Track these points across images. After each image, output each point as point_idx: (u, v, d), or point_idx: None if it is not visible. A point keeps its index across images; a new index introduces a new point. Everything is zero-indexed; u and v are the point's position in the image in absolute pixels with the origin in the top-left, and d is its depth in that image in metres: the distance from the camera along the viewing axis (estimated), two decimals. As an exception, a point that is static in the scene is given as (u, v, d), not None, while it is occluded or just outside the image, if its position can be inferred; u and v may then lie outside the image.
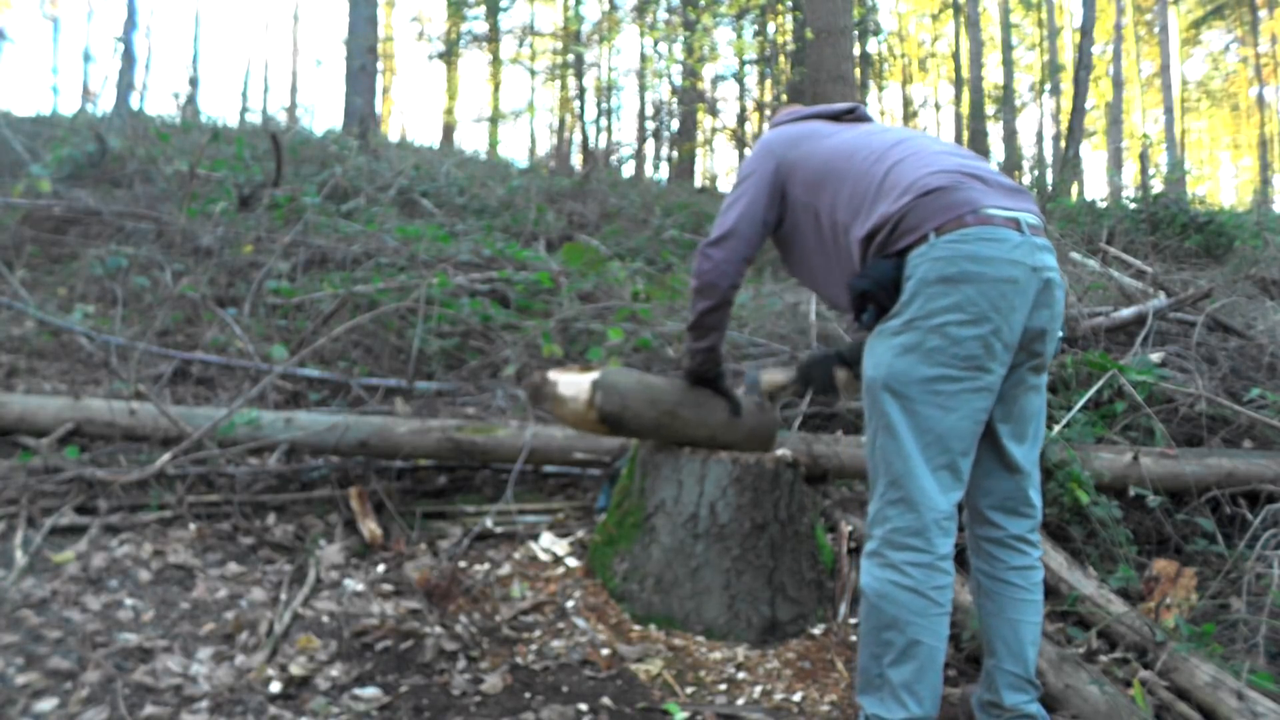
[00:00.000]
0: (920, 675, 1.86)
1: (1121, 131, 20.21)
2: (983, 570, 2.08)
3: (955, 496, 1.90)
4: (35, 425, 3.49)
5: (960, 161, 1.95)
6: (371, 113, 11.69)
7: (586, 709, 2.29)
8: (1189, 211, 8.18)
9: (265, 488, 3.44)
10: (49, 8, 25.29)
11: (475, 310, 4.95)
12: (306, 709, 2.21)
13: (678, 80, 17.67)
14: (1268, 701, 2.19)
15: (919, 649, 1.86)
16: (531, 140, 25.88)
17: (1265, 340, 4.46)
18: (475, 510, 3.41)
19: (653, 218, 8.69)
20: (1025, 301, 1.84)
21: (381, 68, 21.19)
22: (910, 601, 1.85)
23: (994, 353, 1.83)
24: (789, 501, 2.76)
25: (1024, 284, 1.83)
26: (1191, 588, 2.83)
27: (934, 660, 1.87)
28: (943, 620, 1.88)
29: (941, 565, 1.87)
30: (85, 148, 7.71)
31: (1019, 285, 1.83)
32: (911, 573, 1.86)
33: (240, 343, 4.49)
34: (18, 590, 2.56)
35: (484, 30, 20.85)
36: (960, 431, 1.86)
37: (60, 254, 6.00)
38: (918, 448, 1.86)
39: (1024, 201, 1.91)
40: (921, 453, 1.86)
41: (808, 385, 2.56)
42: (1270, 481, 3.25)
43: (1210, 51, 30.81)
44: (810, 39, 8.85)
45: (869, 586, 1.91)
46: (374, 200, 7.51)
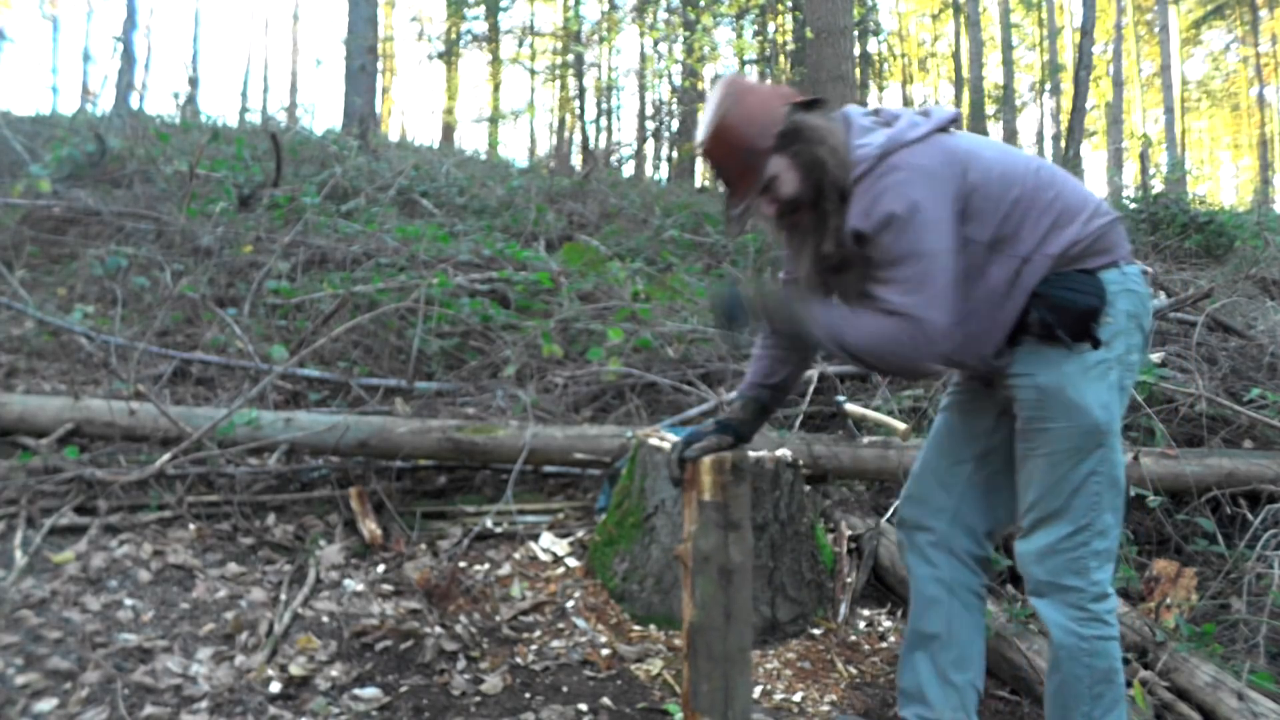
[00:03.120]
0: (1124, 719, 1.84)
1: (1121, 131, 20.21)
2: (963, 583, 2.02)
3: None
4: (35, 425, 3.48)
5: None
6: (371, 113, 11.69)
7: (586, 709, 2.29)
8: (1189, 211, 8.18)
9: (265, 488, 3.43)
10: (49, 8, 25.30)
11: (475, 310, 4.95)
12: (306, 709, 2.21)
13: (678, 80, 17.68)
14: (1268, 701, 2.19)
15: (1121, 694, 1.83)
16: (531, 140, 25.89)
17: (1265, 340, 4.47)
18: (475, 510, 3.41)
19: (653, 218, 8.68)
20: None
21: (381, 68, 21.19)
22: (1116, 651, 1.81)
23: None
24: (789, 501, 2.76)
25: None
26: (1191, 588, 2.83)
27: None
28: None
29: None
30: (85, 148, 7.70)
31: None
32: (1113, 622, 1.81)
33: (240, 343, 4.49)
34: (18, 590, 2.56)
35: (484, 30, 20.86)
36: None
37: (60, 254, 6.00)
38: (1122, 497, 1.80)
39: None
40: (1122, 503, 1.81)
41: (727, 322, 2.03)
42: (1270, 481, 3.25)
43: (1210, 51, 30.83)
44: (810, 39, 8.85)
45: (1074, 645, 1.79)
46: (374, 200, 7.50)
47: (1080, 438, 1.74)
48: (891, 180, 1.66)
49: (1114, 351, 1.75)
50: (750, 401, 1.95)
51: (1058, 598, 1.80)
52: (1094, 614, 1.78)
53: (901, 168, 1.67)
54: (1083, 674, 1.79)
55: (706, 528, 1.74)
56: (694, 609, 1.75)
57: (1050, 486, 1.78)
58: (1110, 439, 1.76)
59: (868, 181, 1.69)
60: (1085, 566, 1.77)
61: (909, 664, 2.04)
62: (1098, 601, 1.78)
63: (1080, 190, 1.81)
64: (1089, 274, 1.74)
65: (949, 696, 1.99)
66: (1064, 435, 1.75)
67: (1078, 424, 1.73)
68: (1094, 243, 1.75)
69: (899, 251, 1.65)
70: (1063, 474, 1.76)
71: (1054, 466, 1.77)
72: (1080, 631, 1.78)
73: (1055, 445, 1.76)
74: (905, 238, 1.65)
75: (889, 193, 1.65)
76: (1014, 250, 1.73)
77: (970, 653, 2.02)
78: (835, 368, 4.36)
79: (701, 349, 4.68)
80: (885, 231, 1.66)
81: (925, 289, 1.64)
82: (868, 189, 1.68)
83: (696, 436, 1.86)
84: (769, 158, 1.73)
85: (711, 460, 1.75)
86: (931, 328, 1.64)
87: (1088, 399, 1.73)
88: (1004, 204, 1.73)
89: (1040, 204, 1.75)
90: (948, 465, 2.03)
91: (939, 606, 2.01)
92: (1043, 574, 1.80)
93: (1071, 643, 1.79)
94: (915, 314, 1.63)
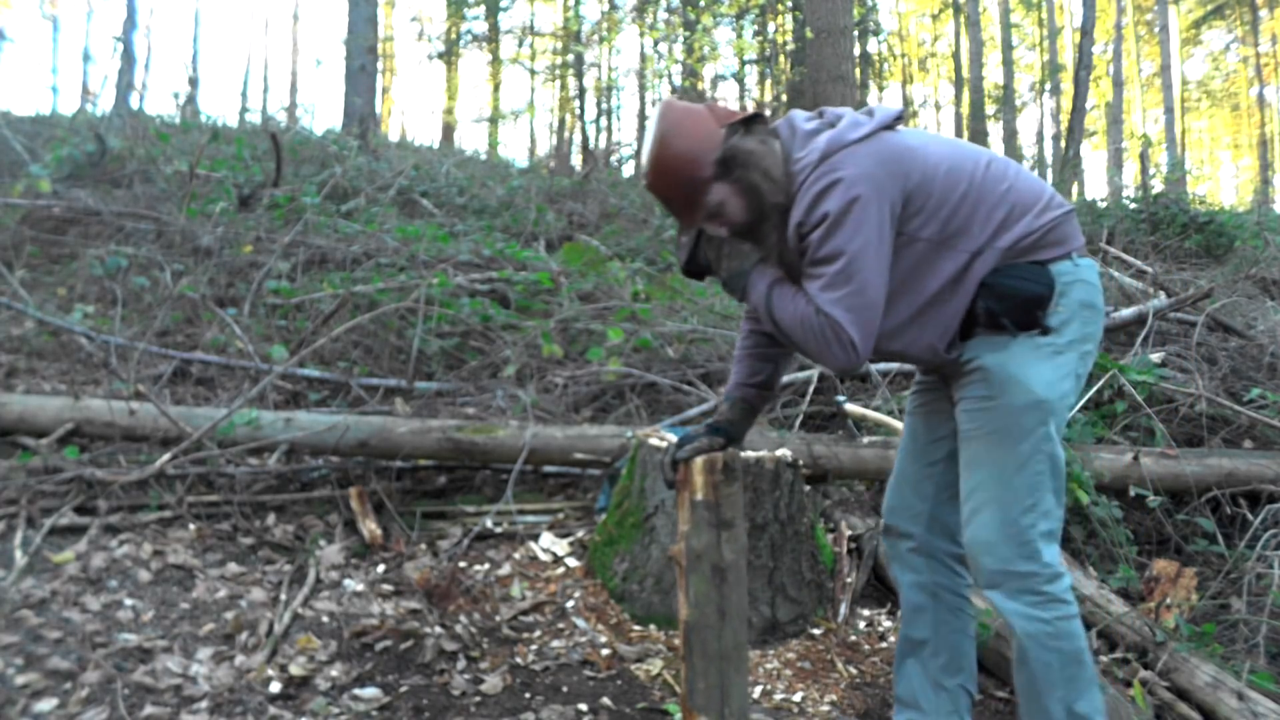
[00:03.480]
0: (1099, 700, 1.79)
1: (1121, 131, 20.20)
2: (945, 586, 2.01)
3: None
4: (35, 425, 3.48)
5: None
6: (371, 113, 11.68)
7: (586, 709, 2.29)
8: (1189, 211, 8.18)
9: (265, 488, 3.43)
10: (49, 8, 25.29)
11: (475, 310, 4.95)
12: (306, 709, 2.21)
13: (678, 80, 17.68)
14: (1268, 702, 2.19)
15: (1093, 674, 1.79)
16: (531, 140, 25.86)
17: (1265, 340, 4.47)
18: (475, 510, 3.41)
19: (653, 218, 8.68)
20: None
21: (381, 68, 21.18)
22: (1080, 629, 1.77)
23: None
24: (789, 501, 2.76)
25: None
26: (1191, 588, 2.83)
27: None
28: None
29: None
30: (85, 148, 7.70)
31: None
32: (1071, 599, 1.77)
33: (240, 343, 4.49)
34: (18, 590, 2.56)
35: (484, 30, 20.85)
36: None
37: (60, 254, 6.00)
38: (1062, 479, 1.80)
39: None
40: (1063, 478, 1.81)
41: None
42: (1270, 481, 3.25)
43: (1210, 51, 30.83)
44: (810, 39, 8.85)
45: (1038, 631, 1.75)
46: (374, 200, 7.50)
47: (1022, 413, 1.74)
48: (828, 181, 1.69)
49: (1064, 337, 1.76)
50: (737, 402, 1.97)
51: (1012, 585, 1.76)
52: (1051, 595, 1.75)
53: (839, 168, 1.69)
54: (1051, 659, 1.75)
55: (699, 527, 1.77)
56: (688, 607, 1.77)
57: (992, 466, 1.77)
58: (1052, 418, 1.75)
59: (808, 184, 1.72)
60: (1035, 550, 1.75)
61: (902, 671, 2.05)
62: (1052, 582, 1.75)
63: (1034, 183, 1.82)
64: (1039, 265, 1.76)
65: (941, 702, 1.99)
66: (1006, 411, 1.75)
67: (1020, 400, 1.74)
68: (1045, 235, 1.76)
69: (826, 250, 1.68)
70: (1004, 454, 1.76)
71: (996, 445, 1.76)
72: (1041, 615, 1.75)
73: (997, 423, 1.76)
74: (834, 238, 1.68)
75: (825, 195, 1.68)
76: (964, 245, 1.74)
77: (959, 656, 2.02)
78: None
79: (701, 349, 4.68)
80: (817, 230, 1.69)
81: (844, 287, 1.68)
82: (807, 191, 1.71)
83: (690, 438, 1.88)
84: (710, 186, 1.74)
85: (703, 460, 1.78)
86: (842, 333, 1.68)
87: (1031, 375, 1.74)
88: (951, 199, 1.74)
89: (991, 198, 1.76)
90: (919, 470, 2.02)
91: (925, 613, 2.01)
92: (993, 563, 1.77)
93: (1035, 629, 1.75)
94: (831, 313, 1.68)
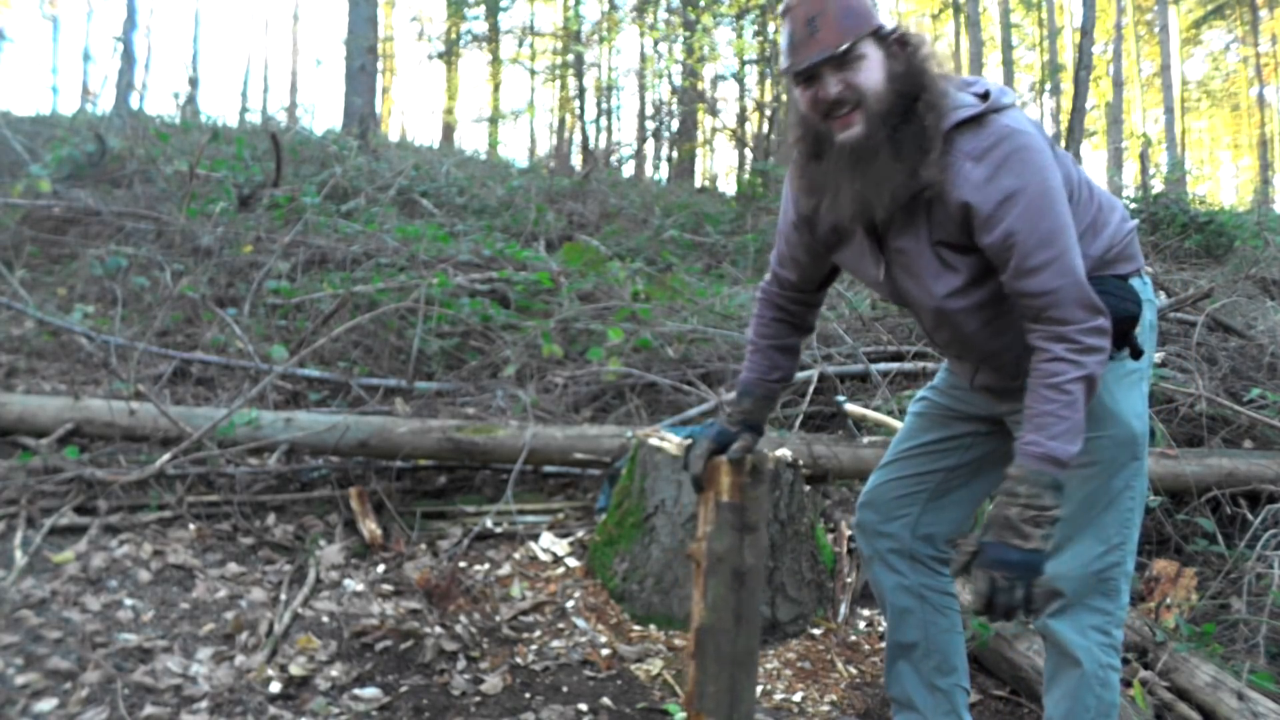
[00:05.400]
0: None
1: (1121, 131, 20.19)
2: (931, 586, 1.94)
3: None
4: (35, 425, 3.49)
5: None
6: (371, 113, 11.69)
7: (586, 709, 2.29)
8: (1189, 211, 8.18)
9: (265, 488, 3.43)
10: (49, 8, 25.28)
11: (475, 310, 4.95)
12: (306, 709, 2.21)
13: (678, 80, 17.68)
14: (1268, 701, 2.19)
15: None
16: (531, 140, 25.85)
17: (1265, 340, 4.47)
18: (475, 510, 3.41)
19: (653, 218, 8.69)
20: None
21: (381, 68, 21.18)
22: (1118, 685, 1.71)
23: None
24: (789, 501, 2.76)
25: None
26: (1191, 588, 2.83)
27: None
28: None
29: None
30: (85, 148, 7.71)
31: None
32: (1120, 655, 1.70)
33: (240, 343, 4.49)
34: (18, 590, 2.56)
35: (484, 30, 20.85)
36: None
37: (60, 254, 6.00)
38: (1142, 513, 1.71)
39: None
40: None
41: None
42: (1270, 481, 3.25)
43: (1210, 51, 30.82)
44: (810, 39, 8.81)
45: (1092, 672, 1.68)
46: (374, 200, 7.51)
47: (1117, 449, 1.65)
48: (1011, 149, 1.49)
49: (1143, 362, 1.68)
50: (761, 398, 1.88)
51: (1084, 619, 1.68)
52: (1114, 642, 1.68)
53: (1018, 134, 1.50)
54: (1091, 703, 1.68)
55: (722, 529, 1.70)
56: (705, 610, 1.71)
57: (1082, 501, 1.65)
58: (1144, 451, 1.68)
59: (972, 140, 1.50)
60: (1116, 588, 1.67)
61: (893, 674, 1.99)
62: (1119, 628, 1.68)
63: (1105, 191, 1.75)
64: (1122, 279, 1.65)
65: (938, 702, 1.95)
66: (1101, 447, 1.63)
67: (1116, 434, 1.64)
68: (1126, 247, 1.68)
69: (1042, 232, 1.48)
70: (1096, 488, 1.65)
71: (1087, 480, 1.64)
72: (1100, 659, 1.67)
73: (1091, 457, 1.61)
74: (1044, 216, 1.48)
75: (1011, 162, 1.48)
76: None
77: (951, 656, 1.97)
78: (835, 368, 4.36)
79: (701, 349, 4.68)
80: (1011, 208, 1.48)
81: (1073, 266, 1.50)
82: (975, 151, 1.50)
83: (725, 435, 1.78)
84: (868, 38, 1.51)
85: (730, 461, 1.70)
86: (1090, 325, 1.50)
87: (1124, 408, 1.64)
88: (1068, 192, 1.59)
89: (1082, 199, 1.65)
90: (914, 474, 1.92)
91: (912, 615, 1.94)
92: (1070, 597, 1.69)
93: (1091, 669, 1.67)
94: (1075, 285, 1.49)
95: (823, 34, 1.49)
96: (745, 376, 1.91)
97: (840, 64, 1.50)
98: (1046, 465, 1.49)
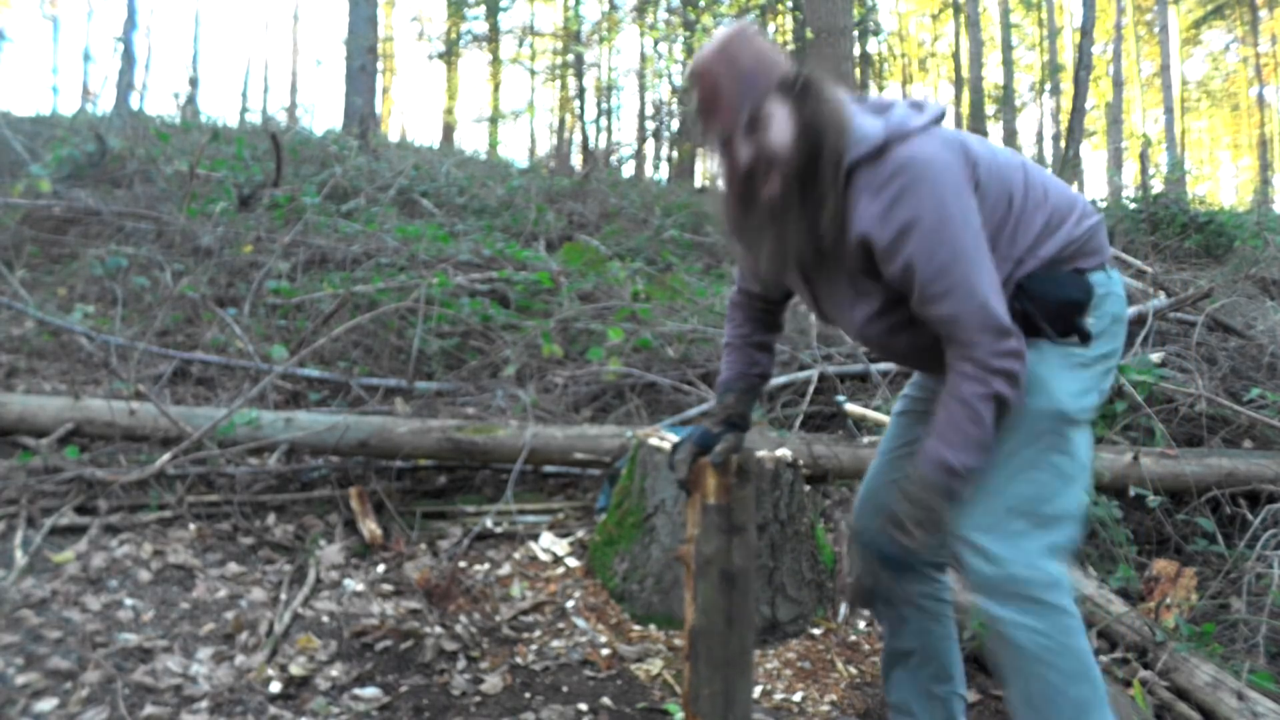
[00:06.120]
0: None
1: (1121, 131, 20.21)
2: (926, 593, 1.91)
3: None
4: (35, 425, 3.49)
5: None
6: (371, 113, 11.69)
7: (586, 709, 2.29)
8: (1189, 211, 8.19)
9: (265, 488, 3.44)
10: (49, 8, 25.32)
11: (475, 310, 4.95)
12: (306, 709, 2.21)
13: (678, 80, 17.68)
14: (1268, 701, 2.19)
15: (1102, 691, 1.59)
16: (531, 140, 25.88)
17: (1265, 340, 4.47)
18: (475, 510, 3.41)
19: (653, 218, 8.68)
20: None
21: (381, 68, 21.19)
22: (1084, 643, 1.58)
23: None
24: (789, 501, 2.76)
25: None
26: (1191, 588, 2.83)
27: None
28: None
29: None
30: (85, 148, 7.71)
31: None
32: (1074, 611, 1.58)
33: (240, 343, 4.49)
34: (18, 590, 2.56)
35: (484, 30, 20.87)
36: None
37: (60, 254, 6.00)
38: (1082, 488, 1.66)
39: None
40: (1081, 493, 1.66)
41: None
42: (1270, 481, 3.25)
43: (1210, 51, 30.83)
44: (810, 39, 8.84)
45: (1036, 643, 1.53)
46: (374, 200, 7.51)
47: (1037, 417, 1.61)
48: (908, 180, 1.51)
49: (1093, 350, 1.67)
50: (742, 394, 1.88)
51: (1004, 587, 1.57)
52: (1045, 602, 1.54)
53: (916, 163, 1.51)
54: (1053, 678, 1.54)
55: (709, 531, 1.68)
56: (695, 613, 1.70)
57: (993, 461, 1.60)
58: (1072, 431, 1.63)
59: (871, 174, 1.53)
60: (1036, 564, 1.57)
61: (890, 681, 1.98)
62: (1049, 590, 1.55)
63: (1066, 190, 1.74)
64: (1080, 273, 1.68)
65: (935, 710, 1.94)
66: (1021, 411, 1.59)
67: (1039, 404, 1.60)
68: (1084, 244, 1.68)
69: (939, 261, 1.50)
70: (1006, 451, 1.59)
71: (1001, 442, 1.59)
72: (1048, 626, 1.54)
73: (1009, 422, 1.59)
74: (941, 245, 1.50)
75: (907, 194, 1.50)
76: (1009, 251, 1.62)
77: (948, 664, 1.95)
78: (835, 368, 4.36)
79: (701, 349, 4.68)
80: (907, 240, 1.51)
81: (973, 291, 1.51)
82: (874, 185, 1.53)
83: (709, 438, 1.77)
84: (767, 96, 1.52)
85: (714, 463, 1.69)
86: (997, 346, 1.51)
87: (1055, 382, 1.62)
88: (1000, 203, 1.62)
89: (1031, 203, 1.66)
90: (890, 474, 1.90)
91: (907, 624, 1.92)
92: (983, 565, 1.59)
93: (1039, 642, 1.54)
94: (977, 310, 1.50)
95: (724, 109, 1.53)
96: (725, 375, 1.93)
97: (749, 130, 1.53)
98: (941, 473, 1.55)
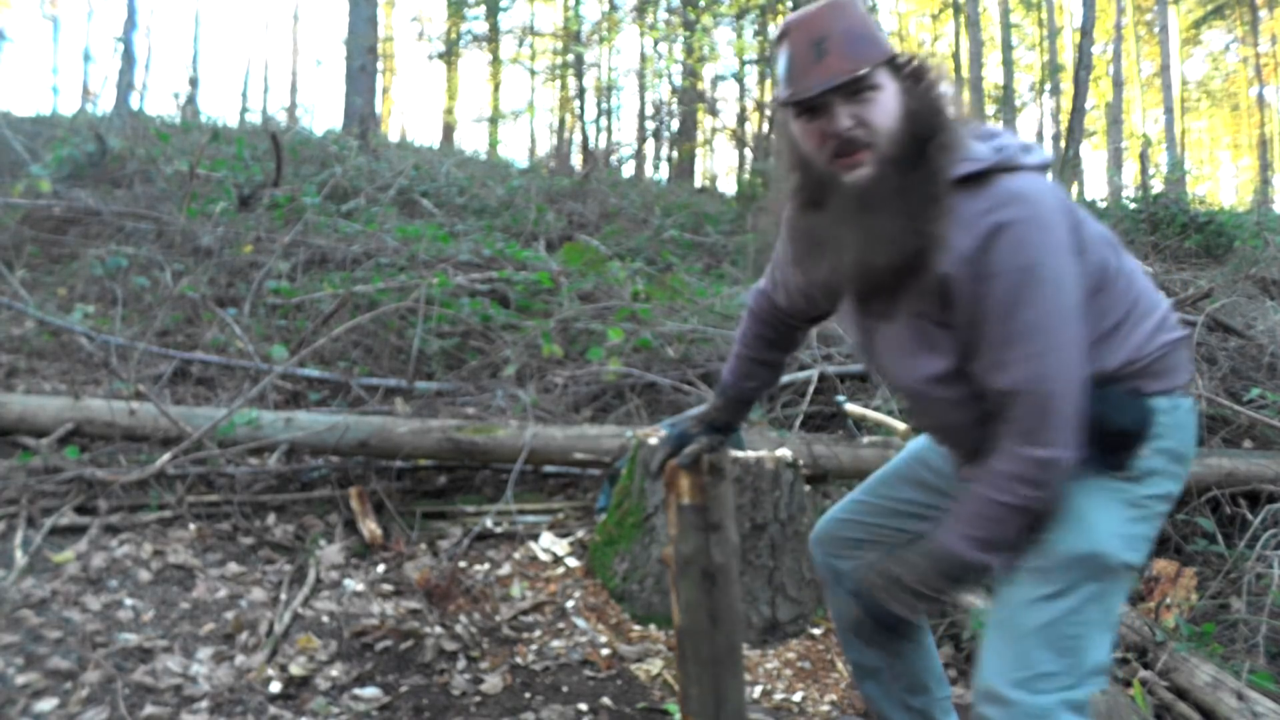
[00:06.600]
0: None
1: (1121, 131, 20.20)
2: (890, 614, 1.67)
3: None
4: (35, 425, 3.49)
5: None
6: (371, 113, 11.69)
7: (586, 709, 2.29)
8: (1189, 211, 8.19)
9: (265, 488, 3.44)
10: (49, 8, 25.31)
11: (475, 310, 4.95)
12: (306, 709, 2.21)
13: (678, 80, 17.69)
14: (1268, 701, 2.19)
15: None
16: (531, 140, 25.85)
17: (1265, 340, 4.47)
18: (475, 510, 3.41)
19: (653, 218, 8.69)
20: None
21: (381, 68, 21.18)
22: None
23: None
24: (789, 501, 2.76)
25: None
26: (1191, 588, 2.83)
27: None
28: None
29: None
30: (85, 148, 7.71)
31: None
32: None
33: (240, 343, 4.50)
34: (18, 590, 2.56)
35: (484, 30, 20.87)
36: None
37: (60, 254, 6.01)
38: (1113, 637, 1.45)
39: None
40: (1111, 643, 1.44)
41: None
42: (1270, 481, 3.25)
43: (1210, 51, 30.81)
44: (810, 39, 8.82)
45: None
46: (374, 200, 7.51)
47: (1070, 564, 1.37)
48: (1011, 216, 1.28)
49: (1145, 489, 1.41)
50: (733, 400, 1.80)
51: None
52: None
53: (1024, 199, 1.28)
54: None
55: (686, 531, 1.66)
56: (680, 613, 1.69)
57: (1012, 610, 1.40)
58: (1109, 582, 1.39)
59: (969, 202, 1.30)
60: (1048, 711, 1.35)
61: (864, 693, 1.89)
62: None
63: (1152, 290, 1.46)
64: (1141, 395, 1.40)
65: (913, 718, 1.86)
66: (1051, 553, 1.38)
67: (1074, 546, 1.37)
68: (1155, 361, 1.40)
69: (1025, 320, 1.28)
70: (1036, 598, 1.37)
71: (1023, 587, 1.39)
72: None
73: (1036, 562, 1.39)
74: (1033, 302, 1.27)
75: (1006, 232, 1.27)
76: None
77: (921, 676, 1.84)
78: (835, 368, 4.36)
79: (701, 349, 4.68)
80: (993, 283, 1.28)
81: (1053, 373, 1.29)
82: (969, 215, 1.29)
83: (684, 436, 1.70)
84: (882, 67, 1.32)
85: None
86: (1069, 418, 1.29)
87: (1096, 519, 1.38)
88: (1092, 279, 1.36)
89: (1114, 293, 1.39)
90: (877, 524, 1.76)
91: (874, 643, 1.79)
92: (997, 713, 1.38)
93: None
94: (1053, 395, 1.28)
95: (832, 58, 1.29)
96: (723, 378, 1.84)
97: (852, 94, 1.30)
98: (950, 556, 1.39)
